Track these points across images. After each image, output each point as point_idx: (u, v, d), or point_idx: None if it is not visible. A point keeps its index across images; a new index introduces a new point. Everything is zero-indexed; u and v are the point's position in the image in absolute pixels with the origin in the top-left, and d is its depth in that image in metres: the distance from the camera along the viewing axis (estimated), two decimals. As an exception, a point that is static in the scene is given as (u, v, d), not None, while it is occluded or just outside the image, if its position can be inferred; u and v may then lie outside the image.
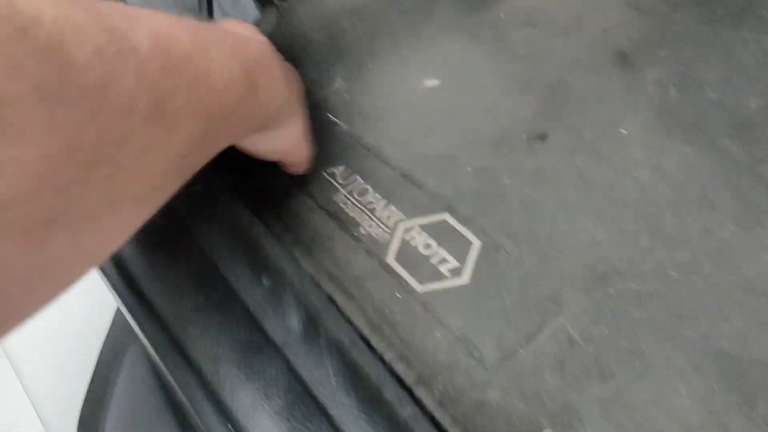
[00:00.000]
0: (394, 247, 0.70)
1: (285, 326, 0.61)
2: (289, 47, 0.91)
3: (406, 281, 0.68)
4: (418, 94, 0.86)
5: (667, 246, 0.69)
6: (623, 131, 0.78)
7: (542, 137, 0.79)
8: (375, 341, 0.63)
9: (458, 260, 0.69)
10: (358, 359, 0.62)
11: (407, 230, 0.72)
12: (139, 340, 0.68)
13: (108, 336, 1.09)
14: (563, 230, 0.71)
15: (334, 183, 0.76)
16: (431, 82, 0.86)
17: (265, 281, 0.64)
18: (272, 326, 0.62)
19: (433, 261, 0.69)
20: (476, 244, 0.70)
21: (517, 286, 0.66)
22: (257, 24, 0.94)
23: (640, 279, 0.67)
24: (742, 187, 0.73)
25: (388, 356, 0.62)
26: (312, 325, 0.62)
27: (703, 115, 0.79)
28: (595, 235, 0.71)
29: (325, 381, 0.61)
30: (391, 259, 0.69)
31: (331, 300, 0.65)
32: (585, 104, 0.82)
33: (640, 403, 0.59)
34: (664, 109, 0.80)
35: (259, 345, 0.60)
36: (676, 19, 0.89)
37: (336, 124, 0.83)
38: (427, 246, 0.70)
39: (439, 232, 0.71)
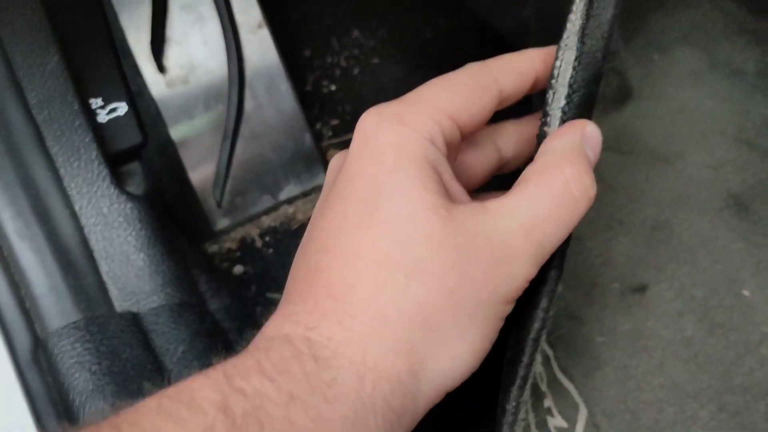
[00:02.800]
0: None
1: None
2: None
3: None
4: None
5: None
6: (745, 293, 0.62)
7: (641, 290, 0.63)
8: None
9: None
10: None
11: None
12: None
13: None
14: (671, 420, 0.54)
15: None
16: None
17: None
18: None
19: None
20: (583, 412, 0.54)
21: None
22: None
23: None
24: None
25: None
26: None
27: None
28: (711, 427, 0.53)
29: None
30: None
31: None
32: (693, 253, 0.66)
33: None
34: (794, 272, 0.64)
35: None
36: (802, 164, 0.74)
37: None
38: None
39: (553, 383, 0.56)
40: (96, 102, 0.54)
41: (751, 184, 0.73)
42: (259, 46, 0.76)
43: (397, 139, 0.39)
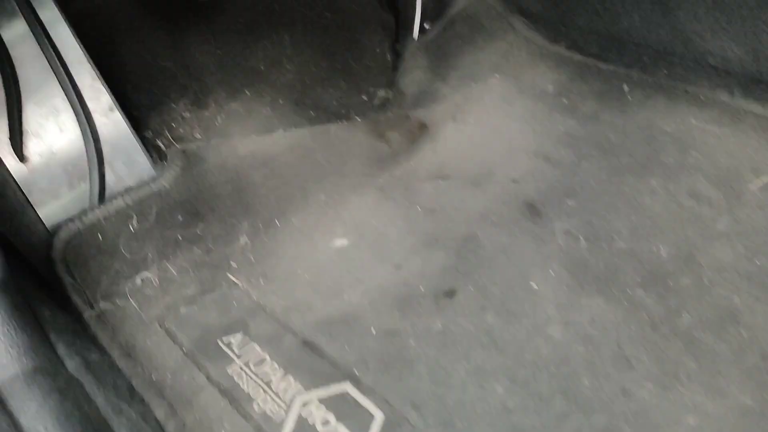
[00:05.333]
0: (289, 425, 0.64)
1: None
2: (193, 199, 0.87)
3: (300, 465, 0.61)
4: (325, 254, 0.83)
5: (583, 410, 0.64)
6: (533, 285, 0.76)
7: (450, 294, 0.76)
8: None
9: (358, 437, 0.63)
10: None
11: (304, 405, 0.66)
12: None
13: None
14: (473, 397, 0.66)
15: (230, 353, 0.71)
16: (340, 242, 0.84)
17: None
18: None
19: (331, 440, 0.63)
20: (378, 417, 0.65)
21: (421, 465, 0.61)
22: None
23: (556, 449, 0.62)
24: (659, 341, 0.70)
25: None
26: None
27: (614, 267, 0.77)
28: (507, 401, 0.66)
29: None
30: (285, 440, 0.63)
31: None
32: (494, 259, 0.79)
33: None
34: (573, 261, 0.78)
35: None
36: (583, 169, 0.89)
37: (237, 285, 0.79)
38: (326, 422, 0.64)
39: (339, 405, 0.66)
40: None
41: (543, 190, 0.87)
42: (113, 127, 0.87)
43: None
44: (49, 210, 0.83)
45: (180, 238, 0.81)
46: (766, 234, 0.79)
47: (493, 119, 1.01)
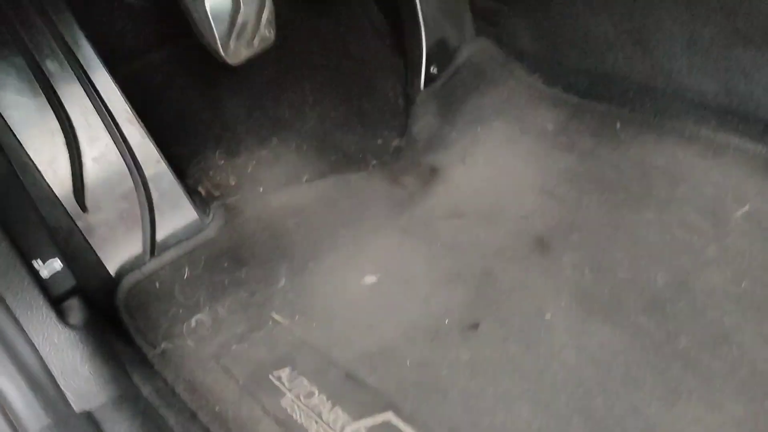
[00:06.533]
0: (343, 453, 0.73)
1: None
2: (236, 246, 0.96)
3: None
4: (358, 291, 0.91)
5: (598, 428, 0.73)
6: (547, 316, 0.85)
7: (474, 326, 0.85)
8: None
9: (405, 462, 0.72)
10: None
11: (354, 434, 0.75)
12: None
13: None
14: (502, 420, 0.75)
15: (281, 387, 0.80)
16: (370, 279, 0.93)
17: None
18: None
19: (382, 466, 0.72)
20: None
21: (462, 484, 0.69)
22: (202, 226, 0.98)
23: (577, 465, 0.71)
24: (661, 362, 0.79)
25: None
26: None
27: (617, 295, 0.86)
28: (532, 422, 0.74)
29: None
30: (339, 468, 0.72)
31: None
32: (511, 292, 0.88)
33: None
34: (581, 292, 0.87)
35: None
36: (584, 205, 0.99)
37: (281, 323, 0.87)
38: (375, 448, 0.73)
39: (385, 433, 0.75)
40: (37, 263, 0.75)
41: (551, 225, 0.97)
42: (161, 177, 0.96)
43: None
44: (110, 254, 0.93)
45: (227, 282, 0.90)
46: (751, 258, 0.89)
47: (499, 159, 1.10)
